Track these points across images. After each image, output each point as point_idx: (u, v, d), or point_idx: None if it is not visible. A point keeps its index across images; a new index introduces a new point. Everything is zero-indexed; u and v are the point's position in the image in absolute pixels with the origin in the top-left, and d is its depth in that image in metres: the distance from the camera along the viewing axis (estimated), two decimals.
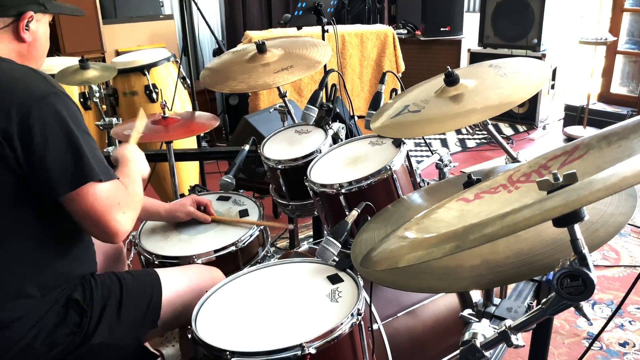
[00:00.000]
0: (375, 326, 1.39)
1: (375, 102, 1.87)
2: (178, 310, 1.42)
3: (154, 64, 3.13)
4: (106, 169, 1.26)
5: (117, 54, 4.26)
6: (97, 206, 1.22)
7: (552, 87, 4.85)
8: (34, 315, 1.23)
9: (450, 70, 1.48)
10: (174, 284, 1.44)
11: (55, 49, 4.03)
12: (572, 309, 0.80)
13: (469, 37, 5.02)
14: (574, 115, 4.45)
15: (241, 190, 1.96)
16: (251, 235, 1.70)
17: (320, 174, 1.67)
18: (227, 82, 1.98)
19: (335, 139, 1.91)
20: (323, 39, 3.06)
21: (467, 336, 0.91)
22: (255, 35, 4.08)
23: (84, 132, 1.23)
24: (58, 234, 1.27)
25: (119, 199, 1.26)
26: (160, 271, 1.46)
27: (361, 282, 1.25)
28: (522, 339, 0.89)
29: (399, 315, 1.45)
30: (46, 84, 1.22)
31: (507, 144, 1.62)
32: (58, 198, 1.21)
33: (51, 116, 1.18)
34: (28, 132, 1.16)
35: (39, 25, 1.33)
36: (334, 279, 1.29)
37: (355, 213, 1.40)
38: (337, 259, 1.34)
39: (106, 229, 1.24)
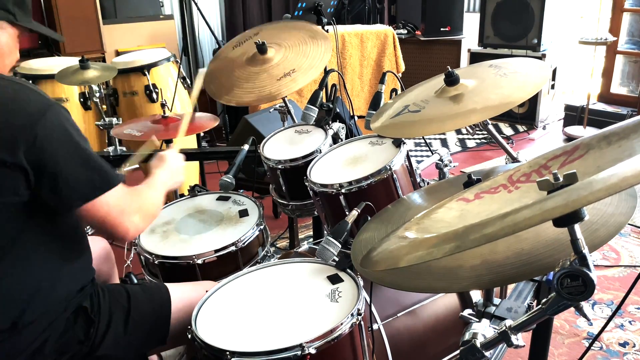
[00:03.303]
0: (375, 326, 1.39)
1: (375, 102, 1.87)
2: (186, 327, 1.40)
3: (154, 64, 3.13)
4: (111, 173, 1.24)
5: (117, 54, 4.26)
6: (111, 213, 1.22)
7: (552, 87, 4.85)
8: (44, 320, 1.22)
9: (450, 70, 1.48)
10: (184, 302, 1.41)
11: (55, 49, 4.04)
12: (572, 309, 0.80)
13: (469, 37, 5.02)
14: (574, 115, 4.46)
15: (241, 190, 1.96)
16: (251, 235, 1.70)
17: (320, 174, 1.67)
18: (232, 91, 1.97)
19: (335, 139, 1.91)
20: None
21: (467, 336, 0.91)
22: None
23: (85, 141, 1.22)
24: (60, 243, 1.26)
25: (128, 203, 1.26)
26: (171, 287, 1.44)
27: (361, 282, 1.25)
28: (522, 339, 0.89)
29: (399, 315, 1.45)
30: (40, 97, 1.19)
31: (507, 144, 1.62)
32: (71, 210, 1.20)
33: (55, 133, 1.16)
34: (37, 153, 1.13)
35: (2, 33, 1.25)
36: (334, 279, 1.29)
37: (355, 213, 1.40)
38: (337, 259, 1.34)
39: (117, 232, 1.25)
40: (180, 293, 1.43)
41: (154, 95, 3.09)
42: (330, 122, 1.92)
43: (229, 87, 1.98)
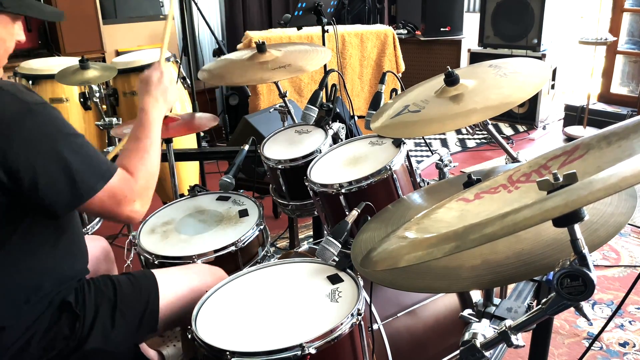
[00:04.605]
0: (375, 326, 1.39)
1: (375, 102, 1.87)
2: (177, 312, 1.39)
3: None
4: (103, 166, 1.21)
5: (117, 54, 4.26)
6: (106, 207, 1.22)
7: (552, 87, 4.85)
8: (28, 318, 1.22)
9: (450, 70, 1.48)
10: (172, 286, 1.41)
11: (55, 49, 4.04)
12: (572, 309, 0.80)
13: (469, 37, 5.02)
14: (574, 115, 4.46)
15: (241, 190, 1.96)
16: (251, 235, 1.70)
17: (320, 174, 1.67)
18: (224, 77, 2.00)
19: (335, 139, 1.91)
20: (323, 39, 3.06)
21: (467, 336, 0.91)
22: (255, 35, 4.08)
23: (69, 140, 1.17)
24: (48, 239, 1.25)
25: (126, 193, 1.23)
26: (158, 272, 1.43)
27: (361, 282, 1.25)
28: (522, 339, 0.89)
29: (399, 315, 1.45)
30: (18, 102, 1.13)
31: (507, 144, 1.62)
32: (59, 216, 1.20)
33: (34, 140, 1.12)
34: (13, 162, 1.10)
35: None
36: (334, 279, 1.29)
37: (355, 213, 1.40)
38: (337, 259, 1.34)
39: (120, 219, 1.26)
40: (167, 278, 1.42)
41: None
42: (330, 122, 1.92)
43: (224, 74, 2.01)
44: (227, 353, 1.08)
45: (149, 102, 1.44)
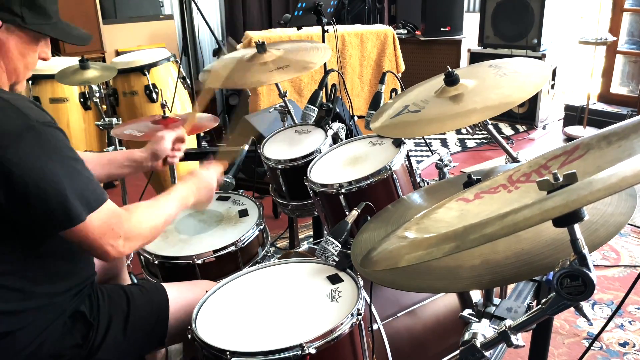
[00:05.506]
0: (375, 326, 1.39)
1: (375, 102, 1.87)
2: (184, 327, 1.34)
3: (154, 64, 3.14)
4: (93, 195, 1.16)
5: (117, 54, 4.26)
6: (89, 236, 1.16)
7: (552, 87, 4.85)
8: (40, 324, 1.21)
9: (450, 70, 1.48)
10: (182, 301, 1.41)
11: (55, 49, 4.03)
12: (572, 309, 0.80)
13: (469, 37, 5.02)
14: (574, 115, 4.46)
15: (241, 190, 1.96)
16: (251, 235, 1.70)
17: (320, 174, 1.67)
18: (224, 79, 2.00)
19: (335, 139, 1.91)
20: (323, 39, 3.06)
21: (467, 336, 0.91)
22: (255, 35, 4.08)
23: (66, 163, 1.14)
24: (56, 245, 1.23)
25: (113, 225, 1.18)
26: (168, 287, 1.43)
27: (361, 282, 1.25)
28: (522, 339, 0.89)
29: (399, 315, 1.45)
30: (22, 118, 1.11)
31: (507, 144, 1.62)
32: (47, 235, 1.16)
33: (29, 157, 1.09)
34: (6, 178, 1.08)
35: (9, 37, 1.18)
36: (334, 279, 1.29)
37: (355, 213, 1.40)
38: (337, 259, 1.34)
39: (100, 254, 1.19)
40: (177, 293, 1.43)
41: (154, 95, 3.09)
42: (330, 122, 1.93)
43: (223, 76, 2.00)
44: (227, 353, 1.07)
45: (190, 188, 1.47)
